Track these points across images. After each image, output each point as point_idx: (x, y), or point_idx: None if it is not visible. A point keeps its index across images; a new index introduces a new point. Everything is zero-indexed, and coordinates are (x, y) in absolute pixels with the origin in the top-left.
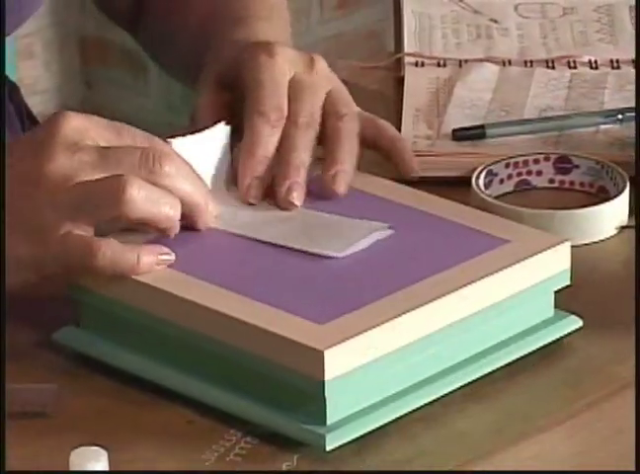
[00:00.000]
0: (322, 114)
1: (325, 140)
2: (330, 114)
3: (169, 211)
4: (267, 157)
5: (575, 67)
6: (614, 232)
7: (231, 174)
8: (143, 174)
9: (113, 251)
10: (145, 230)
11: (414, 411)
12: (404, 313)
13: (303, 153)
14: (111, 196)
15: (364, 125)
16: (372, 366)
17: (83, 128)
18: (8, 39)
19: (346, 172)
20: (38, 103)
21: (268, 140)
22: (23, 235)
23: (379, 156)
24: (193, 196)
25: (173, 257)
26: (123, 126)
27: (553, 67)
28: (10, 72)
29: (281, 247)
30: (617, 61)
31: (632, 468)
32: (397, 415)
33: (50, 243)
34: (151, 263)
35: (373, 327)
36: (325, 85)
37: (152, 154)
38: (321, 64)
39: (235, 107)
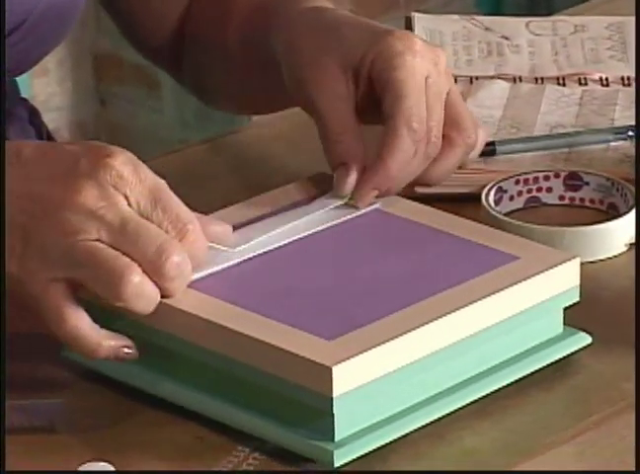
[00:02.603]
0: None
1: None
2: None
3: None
4: (398, 175)
5: (586, 84)
6: (624, 249)
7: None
8: (148, 268)
9: (75, 332)
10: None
11: (422, 427)
12: (413, 329)
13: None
14: (110, 280)
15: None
16: (381, 383)
17: (126, 177)
18: None
19: None
20: (51, 120)
21: (408, 160)
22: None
23: None
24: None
25: (134, 352)
26: (163, 196)
27: (564, 84)
28: (24, 89)
29: (289, 260)
30: (628, 78)
31: None
32: (405, 431)
33: (30, 282)
34: (109, 354)
35: (382, 343)
36: (446, 85)
37: (166, 255)
38: (444, 60)
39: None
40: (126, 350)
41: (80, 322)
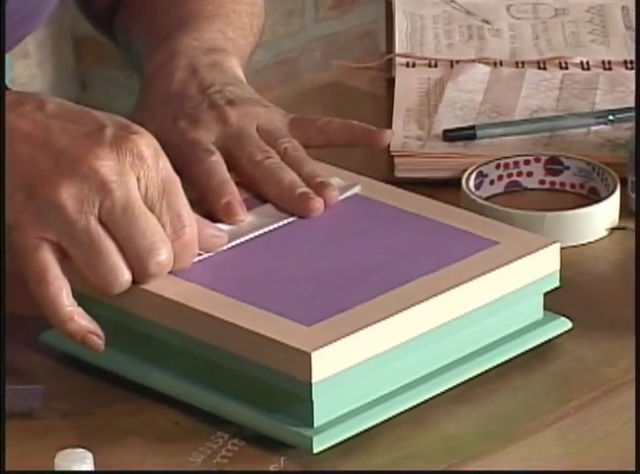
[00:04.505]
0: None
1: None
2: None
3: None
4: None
5: (566, 68)
6: (605, 234)
7: None
8: (132, 257)
9: (53, 295)
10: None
11: (402, 413)
12: (392, 315)
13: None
14: (101, 273)
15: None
16: (360, 368)
17: (145, 159)
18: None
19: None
20: None
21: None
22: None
23: (365, 156)
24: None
25: (101, 343)
26: (173, 191)
27: (545, 68)
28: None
29: (269, 247)
30: (609, 62)
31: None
32: (385, 417)
33: (22, 236)
34: (77, 332)
35: (361, 329)
36: (248, 125)
37: (154, 254)
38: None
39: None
40: (95, 338)
41: (60, 290)
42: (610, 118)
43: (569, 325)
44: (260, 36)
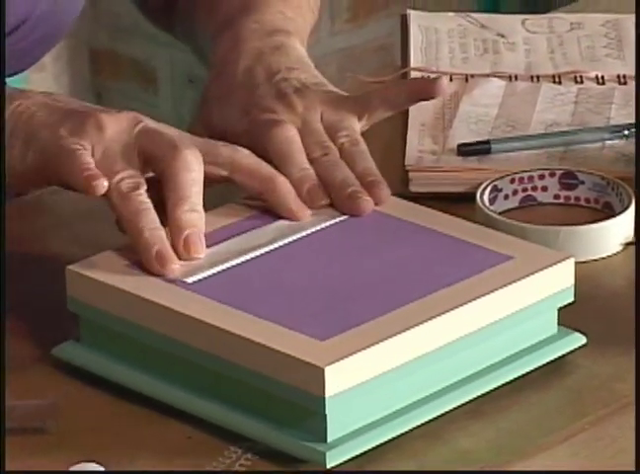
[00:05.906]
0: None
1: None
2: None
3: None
4: None
5: (582, 82)
6: (619, 248)
7: None
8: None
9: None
10: None
11: (415, 428)
12: (406, 330)
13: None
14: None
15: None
16: (373, 383)
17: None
18: None
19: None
20: None
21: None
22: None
23: (380, 171)
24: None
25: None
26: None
27: (560, 82)
28: (21, 85)
29: (282, 261)
30: (624, 77)
31: None
32: (398, 432)
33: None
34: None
35: (375, 344)
36: (313, 116)
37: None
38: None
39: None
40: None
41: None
42: (625, 132)
43: (583, 340)
44: (317, 12)
